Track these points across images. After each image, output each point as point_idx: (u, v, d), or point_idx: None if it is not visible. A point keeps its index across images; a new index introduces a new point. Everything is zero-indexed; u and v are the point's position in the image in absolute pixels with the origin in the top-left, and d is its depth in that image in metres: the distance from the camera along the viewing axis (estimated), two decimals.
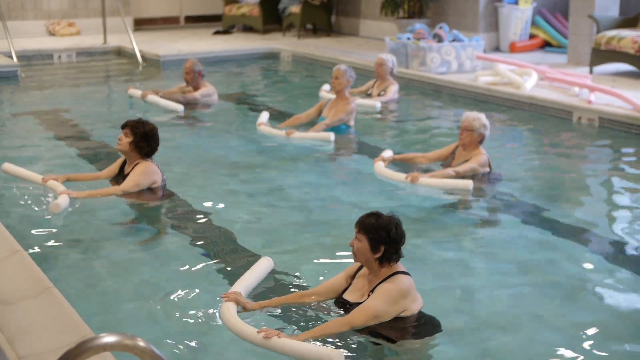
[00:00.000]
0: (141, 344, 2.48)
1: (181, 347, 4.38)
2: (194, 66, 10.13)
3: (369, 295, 4.34)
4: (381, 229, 4.28)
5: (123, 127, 6.53)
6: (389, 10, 14.46)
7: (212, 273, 5.33)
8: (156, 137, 6.54)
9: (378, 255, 4.29)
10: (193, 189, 7.02)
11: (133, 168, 6.52)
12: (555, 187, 7.41)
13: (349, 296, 4.51)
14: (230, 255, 5.61)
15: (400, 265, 4.37)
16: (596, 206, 6.84)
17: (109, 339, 2.48)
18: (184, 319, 4.68)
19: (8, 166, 7.24)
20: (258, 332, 4.24)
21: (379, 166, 7.34)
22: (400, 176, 7.05)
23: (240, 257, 5.57)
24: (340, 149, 8.42)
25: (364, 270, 4.48)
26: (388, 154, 7.62)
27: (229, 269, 5.38)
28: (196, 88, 10.21)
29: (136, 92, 10.27)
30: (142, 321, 4.67)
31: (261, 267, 5.10)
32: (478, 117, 7.05)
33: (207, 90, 10.23)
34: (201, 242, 5.82)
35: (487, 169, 7.10)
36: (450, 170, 7.00)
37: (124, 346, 2.48)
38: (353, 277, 4.56)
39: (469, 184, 6.78)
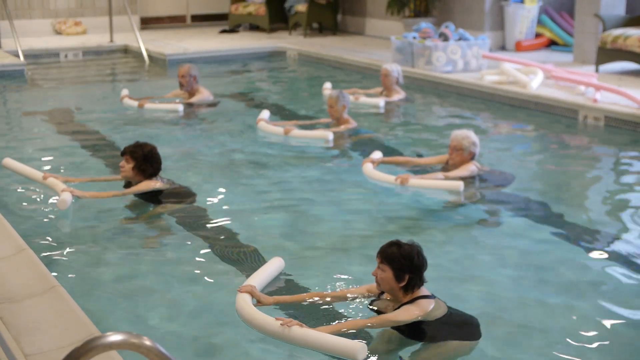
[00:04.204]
0: (147, 342, 2.48)
1: (189, 345, 4.39)
2: (190, 70, 10.03)
3: None
4: (404, 257, 4.31)
5: (122, 154, 6.52)
6: (395, 9, 14.44)
7: (218, 272, 5.34)
8: (157, 157, 6.52)
9: (403, 283, 4.33)
10: (194, 188, 7.00)
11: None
12: (560, 185, 7.40)
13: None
14: (234, 254, 5.62)
15: (424, 289, 4.40)
16: (601, 205, 6.83)
17: (115, 337, 2.47)
18: (191, 318, 4.70)
19: (9, 161, 7.24)
20: (277, 319, 4.27)
21: (368, 167, 7.29)
22: (390, 178, 6.97)
23: (242, 255, 5.59)
24: (339, 148, 8.39)
25: (386, 295, 4.53)
26: (377, 155, 7.55)
27: (233, 267, 5.39)
28: (191, 93, 10.12)
29: (132, 103, 10.20)
30: (149, 320, 4.68)
31: (273, 266, 5.11)
32: (467, 136, 6.98)
33: (203, 96, 10.14)
34: (205, 241, 5.83)
35: (477, 173, 7.05)
36: (439, 175, 6.98)
37: (130, 345, 2.47)
38: (379, 295, 4.59)
39: (459, 185, 6.74)
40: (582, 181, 7.63)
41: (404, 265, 4.30)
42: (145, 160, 6.44)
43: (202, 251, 5.68)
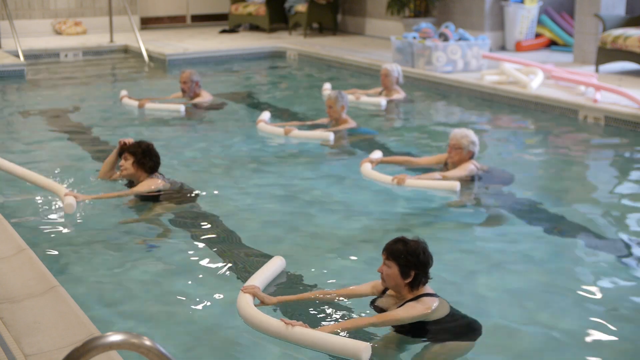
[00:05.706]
0: (147, 342, 2.48)
1: (189, 346, 4.39)
2: (192, 76, 10.04)
3: None
4: (410, 254, 4.32)
5: (120, 154, 6.59)
6: (395, 9, 14.44)
7: (218, 272, 5.33)
8: (155, 152, 6.60)
9: (409, 280, 4.33)
10: (194, 187, 7.00)
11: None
12: (560, 185, 7.40)
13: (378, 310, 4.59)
14: (235, 254, 5.62)
15: (428, 287, 4.41)
16: (601, 205, 6.81)
17: (115, 337, 2.47)
18: (192, 318, 4.69)
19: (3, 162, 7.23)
20: (281, 320, 4.26)
21: (366, 167, 7.28)
22: (387, 178, 6.97)
23: (243, 255, 5.59)
24: (339, 147, 8.38)
25: (391, 291, 4.52)
26: (376, 155, 7.55)
27: (234, 267, 5.39)
28: (194, 99, 10.13)
29: (132, 102, 10.19)
30: (149, 320, 4.68)
31: (274, 266, 5.11)
32: (466, 135, 6.98)
33: (205, 100, 10.15)
34: (205, 241, 5.83)
35: (475, 173, 7.05)
36: (437, 175, 6.98)
37: (130, 345, 2.47)
38: (382, 293, 4.59)
39: (455, 185, 6.74)
40: (581, 181, 7.63)
41: (409, 261, 4.30)
42: (144, 154, 6.50)
43: (203, 251, 5.67)
